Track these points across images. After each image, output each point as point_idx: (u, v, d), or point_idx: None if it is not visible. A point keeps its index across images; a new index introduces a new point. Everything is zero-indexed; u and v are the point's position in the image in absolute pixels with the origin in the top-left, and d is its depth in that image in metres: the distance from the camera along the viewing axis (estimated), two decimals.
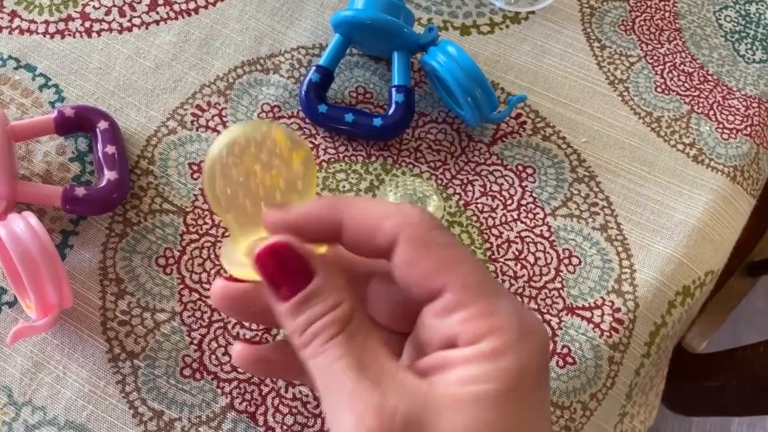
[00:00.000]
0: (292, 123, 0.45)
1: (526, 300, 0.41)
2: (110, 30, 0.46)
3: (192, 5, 0.47)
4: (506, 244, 0.43)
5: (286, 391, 0.38)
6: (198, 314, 0.39)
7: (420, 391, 0.24)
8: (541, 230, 0.43)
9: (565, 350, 0.40)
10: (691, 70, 0.50)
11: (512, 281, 0.42)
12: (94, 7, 0.47)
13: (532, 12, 0.50)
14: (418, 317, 0.27)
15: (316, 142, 0.44)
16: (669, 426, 1.20)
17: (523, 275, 0.42)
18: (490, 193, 0.44)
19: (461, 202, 0.44)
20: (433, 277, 0.25)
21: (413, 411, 0.23)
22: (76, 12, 0.46)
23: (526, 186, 0.45)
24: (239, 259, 0.28)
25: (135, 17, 0.47)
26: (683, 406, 0.74)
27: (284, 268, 0.25)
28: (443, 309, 0.25)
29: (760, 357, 0.62)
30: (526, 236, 0.43)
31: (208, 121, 0.44)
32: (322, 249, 0.28)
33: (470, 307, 0.24)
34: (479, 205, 0.44)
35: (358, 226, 0.26)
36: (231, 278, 0.29)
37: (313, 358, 0.25)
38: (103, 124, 0.42)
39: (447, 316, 0.25)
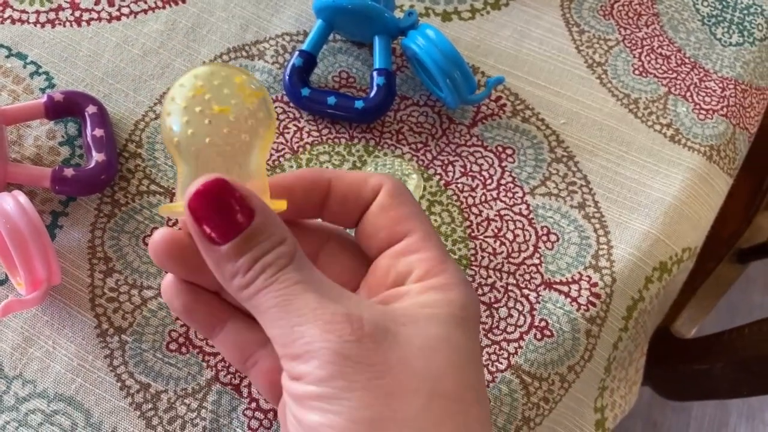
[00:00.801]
0: (276, 107, 0.46)
1: (505, 275, 0.42)
2: (99, 19, 0.47)
3: None
4: (486, 222, 0.44)
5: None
6: None
7: (379, 309, 0.25)
8: (520, 209, 0.45)
9: (543, 323, 0.41)
10: (668, 53, 0.51)
11: (491, 257, 0.43)
12: None
13: None
14: (371, 266, 0.29)
15: (300, 125, 0.45)
16: (667, 420, 1.21)
17: (502, 252, 0.43)
18: (470, 173, 0.45)
19: (442, 182, 0.45)
20: (402, 222, 0.28)
21: (378, 320, 0.24)
22: (66, 2, 0.48)
23: (506, 166, 0.46)
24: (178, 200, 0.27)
25: (123, 6, 0.48)
26: (673, 391, 0.75)
27: (221, 208, 0.24)
28: (404, 249, 0.28)
29: (744, 339, 0.62)
30: (505, 214, 0.44)
31: None
32: (282, 205, 0.28)
33: (428, 252, 0.27)
34: (460, 185, 0.45)
35: (347, 183, 0.29)
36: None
37: (263, 289, 0.25)
38: (91, 109, 0.43)
39: (406, 256, 0.28)
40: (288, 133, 0.45)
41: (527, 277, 0.43)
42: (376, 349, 0.24)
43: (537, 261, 0.43)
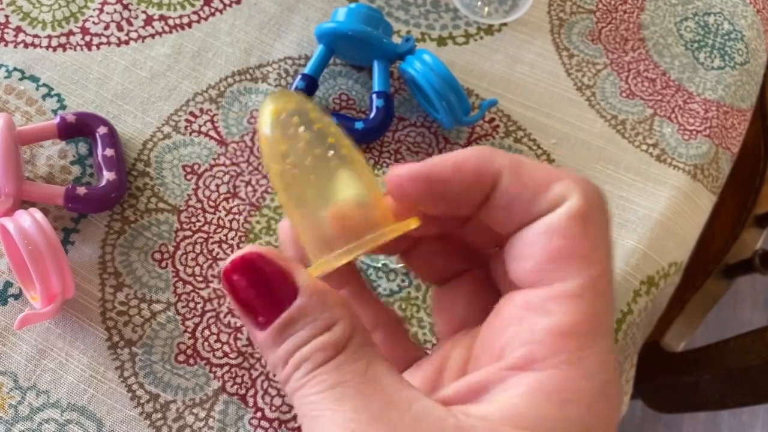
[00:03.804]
0: None
1: None
2: (109, 43, 0.49)
3: (185, 20, 0.51)
4: None
5: (275, 375, 0.41)
6: (192, 305, 0.42)
7: (441, 426, 0.18)
8: None
9: None
10: (654, 76, 0.53)
11: None
12: (93, 22, 0.50)
13: (505, 24, 0.54)
14: (497, 307, 0.21)
15: None
16: None
17: None
18: None
19: None
20: (557, 261, 0.20)
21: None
22: (76, 27, 0.50)
23: None
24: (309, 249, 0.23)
25: (132, 31, 0.50)
26: (662, 404, 0.77)
27: (260, 287, 0.20)
28: (541, 306, 0.19)
29: (730, 352, 0.64)
30: None
31: (200, 126, 0.47)
32: (414, 224, 0.22)
33: (569, 316, 0.19)
34: None
35: (524, 183, 0.21)
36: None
37: (296, 391, 0.20)
38: (102, 129, 0.45)
39: (536, 316, 0.20)
40: None
41: None
42: None
43: None
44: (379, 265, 0.44)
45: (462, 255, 0.25)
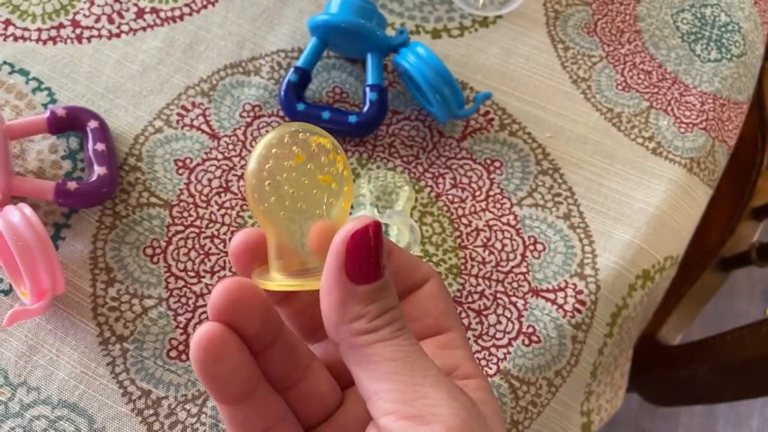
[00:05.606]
0: (272, 121, 0.47)
1: (493, 283, 0.44)
2: (100, 36, 0.49)
3: (177, 12, 0.50)
4: (475, 232, 0.46)
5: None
6: (183, 300, 0.42)
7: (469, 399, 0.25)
8: (508, 219, 0.46)
9: (531, 329, 0.43)
10: (650, 68, 0.53)
11: (481, 266, 0.44)
12: (84, 15, 0.49)
13: (500, 16, 0.53)
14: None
15: None
16: (656, 428, 1.22)
17: (491, 261, 0.45)
18: (460, 185, 0.47)
19: (433, 194, 0.46)
20: (447, 316, 0.28)
21: (489, 413, 0.25)
22: (67, 20, 0.49)
23: (494, 178, 0.47)
24: (273, 274, 0.26)
25: (123, 24, 0.49)
26: (659, 397, 0.77)
27: (372, 251, 0.24)
28: (449, 343, 0.28)
29: (726, 345, 0.64)
30: (493, 225, 0.46)
31: (192, 120, 0.47)
32: None
33: (467, 351, 0.28)
34: (450, 197, 0.46)
35: (405, 259, 0.29)
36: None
37: (387, 340, 0.24)
38: (93, 124, 0.44)
39: (451, 350, 0.28)
40: None
41: (515, 285, 0.44)
42: (488, 429, 0.24)
43: (524, 269, 0.45)
44: None
45: None
